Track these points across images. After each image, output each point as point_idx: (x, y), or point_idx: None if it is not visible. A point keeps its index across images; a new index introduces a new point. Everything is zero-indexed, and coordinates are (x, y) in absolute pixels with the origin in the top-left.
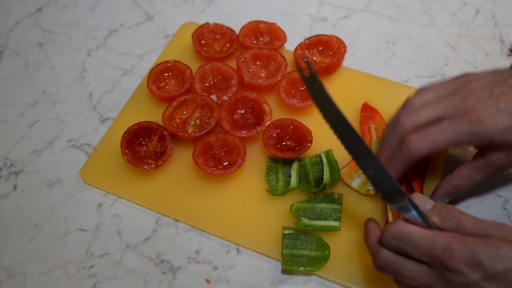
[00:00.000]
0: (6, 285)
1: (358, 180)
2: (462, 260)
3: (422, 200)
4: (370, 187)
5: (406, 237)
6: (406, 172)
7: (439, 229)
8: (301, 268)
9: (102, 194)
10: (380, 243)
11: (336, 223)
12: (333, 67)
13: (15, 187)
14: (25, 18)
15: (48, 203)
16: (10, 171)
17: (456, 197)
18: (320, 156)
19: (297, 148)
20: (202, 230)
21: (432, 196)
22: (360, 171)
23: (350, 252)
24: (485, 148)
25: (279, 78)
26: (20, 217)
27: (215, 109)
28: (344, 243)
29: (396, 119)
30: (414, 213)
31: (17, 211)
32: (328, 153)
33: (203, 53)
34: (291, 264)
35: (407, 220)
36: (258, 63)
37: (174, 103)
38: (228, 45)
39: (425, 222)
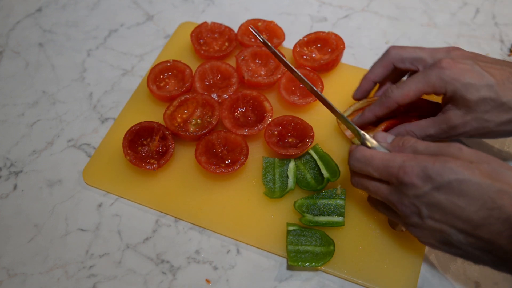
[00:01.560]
0: (6, 285)
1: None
2: (414, 174)
3: (383, 136)
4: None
5: (368, 160)
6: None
7: None
8: (306, 264)
9: (102, 194)
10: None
11: (339, 218)
12: (332, 63)
13: (15, 187)
14: (25, 18)
15: (48, 203)
16: (10, 171)
17: None
18: (309, 154)
19: (299, 144)
20: (205, 229)
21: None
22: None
23: (354, 247)
24: (447, 101)
25: (279, 76)
26: (20, 217)
27: (216, 108)
28: (348, 238)
29: (386, 51)
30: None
31: (17, 211)
32: (316, 148)
33: (202, 52)
34: (297, 260)
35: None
36: (257, 61)
37: (175, 103)
38: (227, 43)
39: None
